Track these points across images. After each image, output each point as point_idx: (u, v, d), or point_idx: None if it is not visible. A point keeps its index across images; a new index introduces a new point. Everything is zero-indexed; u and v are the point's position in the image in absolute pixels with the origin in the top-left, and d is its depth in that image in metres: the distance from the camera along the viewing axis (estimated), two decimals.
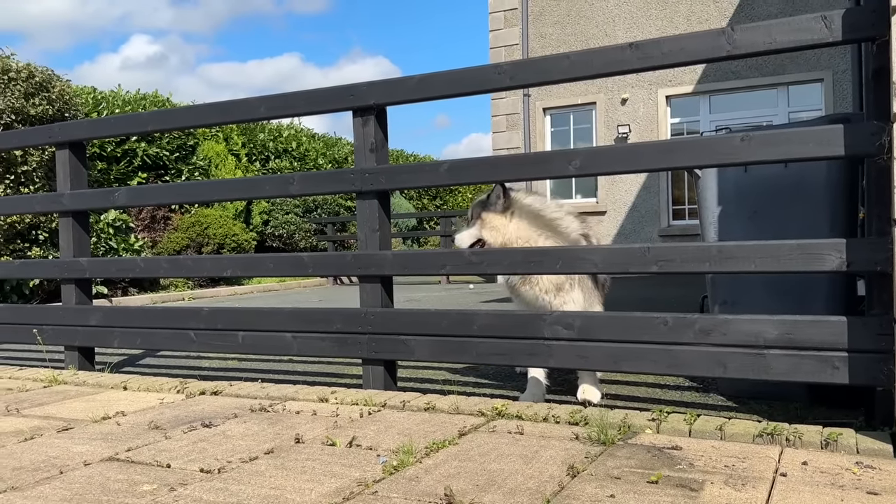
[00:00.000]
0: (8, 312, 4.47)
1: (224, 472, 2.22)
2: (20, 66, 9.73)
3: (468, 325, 3.13)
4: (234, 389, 3.43)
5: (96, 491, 2.09)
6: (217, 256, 4.08)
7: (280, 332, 3.63)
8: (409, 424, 2.71)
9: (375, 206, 3.41)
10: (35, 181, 9.44)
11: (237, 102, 3.84)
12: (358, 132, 3.45)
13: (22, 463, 2.39)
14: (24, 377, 4.00)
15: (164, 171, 13.47)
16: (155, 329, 3.94)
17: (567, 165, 2.93)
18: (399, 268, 3.37)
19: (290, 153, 17.16)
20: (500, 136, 12.89)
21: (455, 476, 2.10)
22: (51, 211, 4.67)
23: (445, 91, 3.26)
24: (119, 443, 2.59)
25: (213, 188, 4.35)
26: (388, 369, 3.41)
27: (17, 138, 5.03)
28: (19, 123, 9.28)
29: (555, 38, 12.56)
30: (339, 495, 1.97)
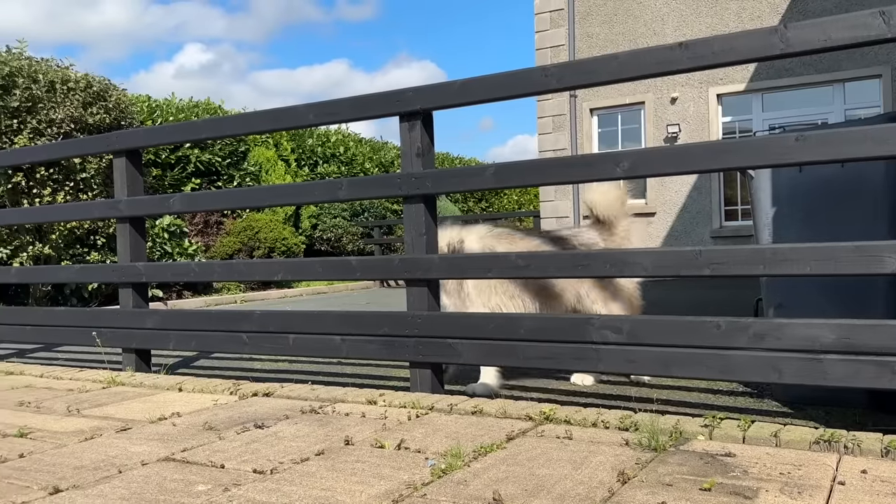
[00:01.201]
0: (68, 315, 4.63)
1: (276, 472, 2.26)
2: (78, 77, 10.07)
3: (515, 328, 3.12)
4: (285, 391, 3.49)
5: (153, 490, 2.15)
6: (268, 260, 4.16)
7: (329, 335, 3.67)
8: (457, 428, 2.71)
9: (422, 209, 3.43)
10: (93, 188, 9.76)
11: (286, 110, 3.91)
12: (404, 137, 3.47)
13: (83, 462, 2.48)
14: (84, 378, 4.14)
15: (216, 176, 13.78)
16: (209, 332, 4.04)
17: (615, 167, 2.90)
18: (445, 271, 3.38)
19: (337, 158, 17.38)
20: (546, 137, 12.82)
21: (503, 480, 2.10)
22: (109, 217, 4.82)
23: (491, 95, 3.26)
24: (175, 443, 2.66)
25: (264, 193, 4.43)
26: (435, 372, 3.42)
27: (76, 147, 5.22)
28: (78, 132, 9.60)
29: (602, 38, 12.44)
30: (389, 497, 1.99)
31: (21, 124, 9.26)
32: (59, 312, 4.74)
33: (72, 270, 4.82)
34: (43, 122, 9.35)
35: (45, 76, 9.59)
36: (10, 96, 9.18)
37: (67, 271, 4.78)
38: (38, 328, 4.79)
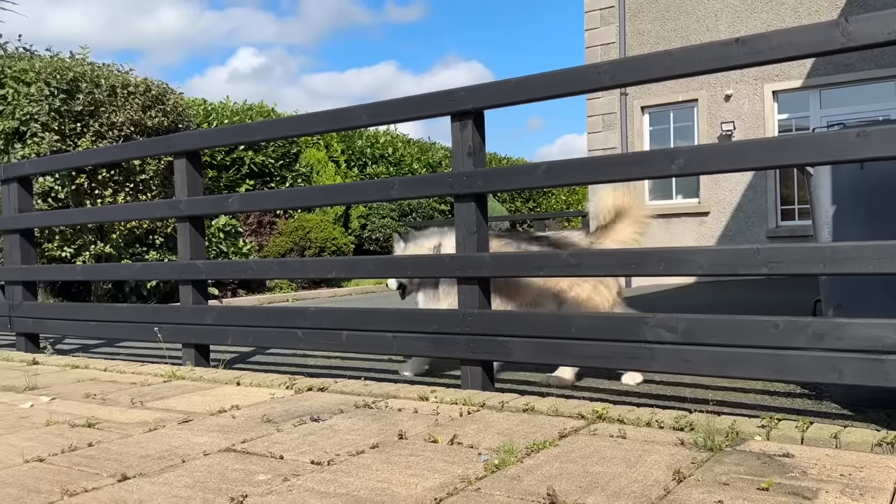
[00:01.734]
0: (131, 312, 4.80)
1: (333, 464, 2.32)
2: (138, 81, 10.41)
3: (566, 326, 3.12)
4: (338, 386, 3.56)
5: (216, 479, 2.22)
6: (321, 259, 4.24)
7: (381, 332, 3.73)
8: (509, 425, 2.73)
9: (473, 208, 3.45)
10: (152, 189, 10.07)
11: (340, 111, 3.98)
12: (456, 136, 3.50)
13: (148, 452, 2.58)
14: (146, 372, 4.29)
15: (269, 178, 14.06)
16: (265, 328, 4.14)
17: (669, 165, 2.88)
18: (496, 269, 3.40)
19: (386, 158, 17.54)
20: (596, 136, 12.70)
21: (557, 477, 2.11)
22: (170, 216, 4.98)
23: (543, 93, 3.27)
24: (235, 435, 2.75)
25: (318, 193, 4.52)
26: (486, 370, 3.45)
27: (138, 149, 5.41)
28: (137, 135, 9.92)
29: (653, 35, 12.28)
30: (444, 490, 2.02)
31: (84, 127, 9.62)
32: (122, 309, 4.92)
33: (134, 268, 4.99)
34: (105, 126, 9.69)
35: (107, 81, 9.93)
36: (73, 100, 9.55)
37: (130, 269, 4.96)
38: (101, 324, 4.97)
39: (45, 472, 2.36)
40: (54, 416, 3.19)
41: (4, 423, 3.09)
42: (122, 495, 2.10)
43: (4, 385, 4.01)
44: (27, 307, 5.41)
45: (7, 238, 5.62)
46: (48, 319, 5.32)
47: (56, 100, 9.40)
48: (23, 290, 5.44)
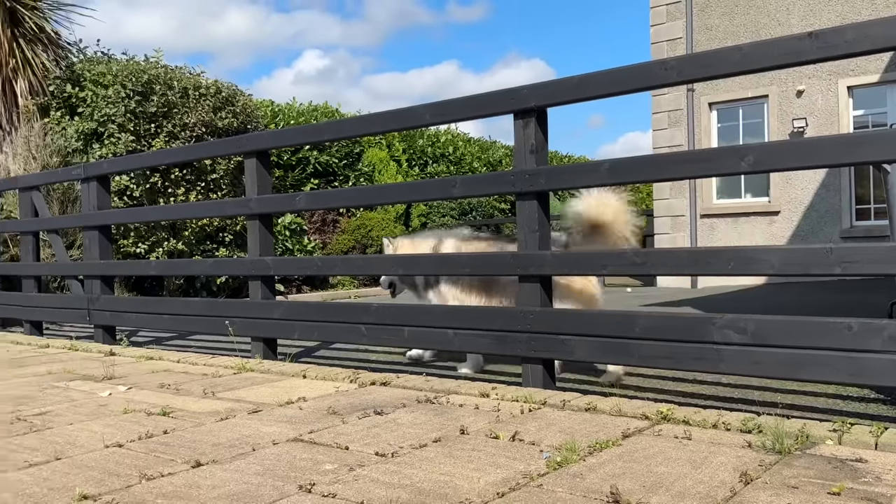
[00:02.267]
0: (204, 306, 4.98)
1: (397, 456, 2.36)
2: (209, 83, 10.76)
3: (630, 326, 3.09)
4: (400, 381, 3.61)
5: (284, 468, 2.29)
6: (384, 256, 4.31)
7: (442, 329, 3.76)
8: (570, 423, 2.72)
9: (535, 206, 3.45)
10: (222, 188, 10.39)
11: (404, 111, 4.04)
12: (518, 134, 3.51)
13: (220, 440, 2.67)
14: (217, 364, 4.44)
15: (332, 177, 14.31)
16: (330, 323, 4.23)
17: (739, 162, 2.82)
18: (558, 267, 3.39)
19: (446, 157, 17.62)
20: (661, 133, 12.47)
21: (620, 476, 2.10)
22: (240, 214, 5.13)
23: (607, 90, 3.24)
24: (302, 425, 2.82)
25: (382, 192, 4.59)
26: (547, 368, 3.44)
27: (211, 149, 5.59)
28: (208, 135, 10.25)
29: (721, 30, 11.97)
30: (506, 485, 2.04)
31: (158, 128, 10.00)
32: (195, 303, 5.10)
33: (206, 264, 5.17)
34: (177, 126, 10.05)
35: (179, 83, 10.30)
36: (148, 102, 9.93)
37: (202, 265, 5.14)
38: (175, 317, 5.17)
39: (123, 457, 2.48)
40: (131, 404, 3.34)
41: (85, 410, 3.26)
42: (195, 480, 2.20)
43: (84, 375, 4.22)
44: (105, 300, 5.67)
45: (86, 234, 5.89)
46: (124, 312, 5.56)
47: (132, 101, 9.79)
48: (101, 285, 5.70)
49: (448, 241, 4.41)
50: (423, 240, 4.61)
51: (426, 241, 4.55)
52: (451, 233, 4.57)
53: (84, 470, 2.34)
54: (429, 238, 4.61)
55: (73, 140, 9.66)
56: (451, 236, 4.47)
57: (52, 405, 3.37)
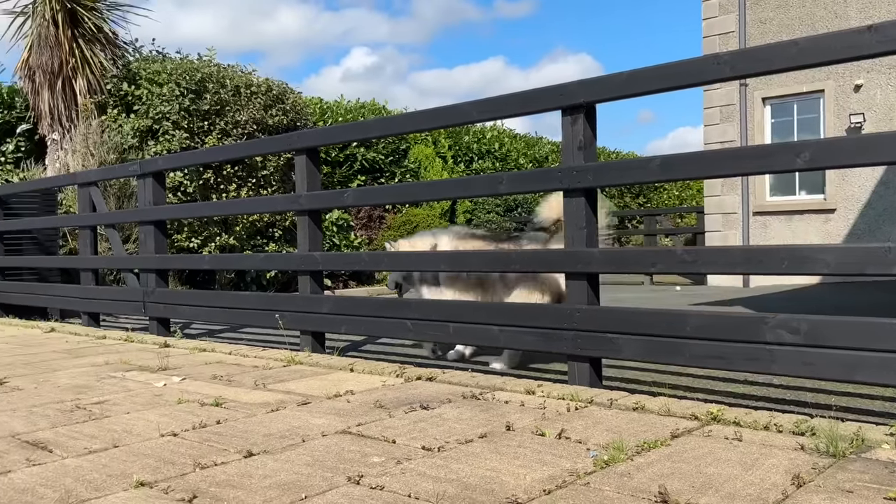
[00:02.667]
0: (255, 300, 5.09)
1: (443, 450, 2.38)
2: (260, 81, 10.95)
3: (680, 325, 3.05)
4: (446, 377, 3.63)
5: (333, 459, 2.34)
6: (430, 252, 4.34)
7: (487, 325, 3.77)
8: (618, 422, 2.70)
9: (582, 203, 3.43)
10: (272, 184, 10.58)
11: (450, 108, 4.05)
12: (566, 130, 3.49)
13: (270, 430, 2.74)
14: (267, 356, 4.53)
15: (379, 173, 14.44)
16: (377, 318, 4.28)
17: (794, 158, 2.75)
18: (606, 265, 3.37)
19: (492, 154, 17.60)
20: (713, 129, 12.22)
21: (668, 476, 2.08)
22: (290, 210, 5.22)
23: (658, 85, 3.20)
24: (350, 418, 2.87)
25: (428, 188, 4.62)
26: (594, 366, 3.42)
27: (263, 146, 5.69)
28: (259, 132, 10.45)
29: (776, 23, 11.67)
30: (552, 482, 2.04)
31: (211, 125, 10.23)
32: (247, 297, 5.21)
33: (257, 259, 5.28)
34: (229, 124, 10.27)
35: (232, 81, 10.51)
36: (201, 100, 10.17)
37: (253, 259, 5.25)
38: (226, 310, 5.29)
39: (178, 446, 2.55)
40: (185, 395, 3.43)
41: (141, 400, 3.36)
42: (248, 470, 2.25)
43: (140, 365, 4.35)
44: (160, 293, 5.84)
45: (142, 229, 6.07)
46: (178, 305, 5.71)
47: (185, 99, 10.04)
48: (156, 278, 5.87)
49: (444, 239, 4.72)
50: (420, 238, 4.90)
51: (423, 240, 4.84)
52: (445, 231, 4.85)
53: (140, 458, 2.42)
54: (425, 237, 4.89)
55: (129, 137, 9.95)
56: (446, 234, 4.79)
57: (109, 394, 3.49)
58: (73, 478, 2.21)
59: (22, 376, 4.06)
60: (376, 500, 1.94)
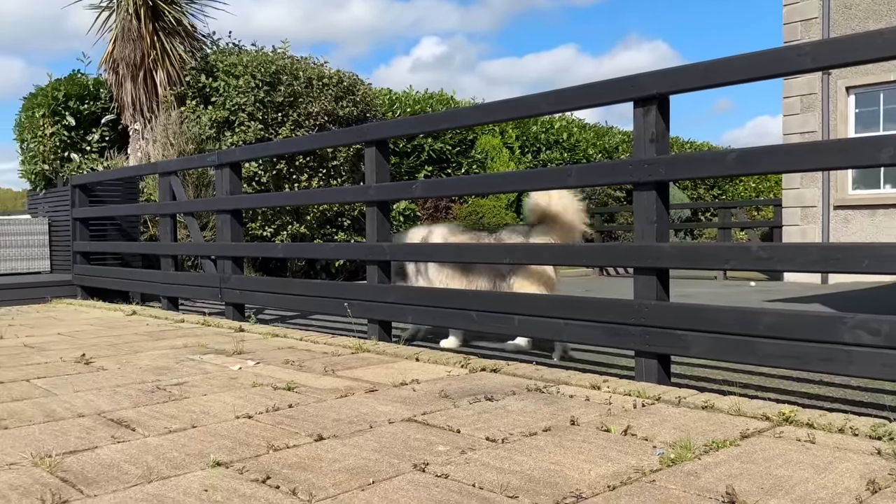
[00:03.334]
0: (325, 288, 5.21)
1: (507, 442, 2.41)
2: (331, 73, 11.14)
3: (752, 323, 2.98)
4: (510, 369, 3.65)
5: (400, 446, 2.39)
6: (497, 244, 4.35)
7: (552, 318, 3.76)
8: (685, 420, 2.67)
9: (653, 197, 3.38)
10: (342, 174, 10.77)
11: (519, 100, 4.04)
12: (638, 122, 3.44)
13: (340, 416, 2.81)
14: (336, 343, 4.64)
15: (446, 164, 14.49)
16: (442, 308, 4.32)
17: (877, 153, 2.64)
18: (677, 260, 3.31)
19: (560, 144, 17.41)
20: (793, 119, 11.77)
21: (737, 477, 2.05)
22: (360, 201, 5.33)
23: (736, 77, 3.11)
24: (416, 407, 2.92)
25: (496, 181, 4.62)
26: (662, 363, 3.37)
27: (335, 138, 5.81)
28: (330, 124, 10.64)
29: (862, 9, 11.12)
30: (617, 479, 2.04)
31: (284, 117, 10.47)
32: (317, 285, 5.35)
33: (328, 248, 5.41)
34: (302, 115, 10.49)
35: (304, 73, 10.73)
36: (275, 92, 10.42)
37: (324, 249, 5.38)
38: (297, 297, 5.44)
39: (252, 428, 2.66)
40: (259, 378, 3.56)
41: (218, 382, 3.51)
42: (318, 453, 2.33)
43: (217, 349, 4.53)
44: (235, 280, 6.04)
45: (219, 217, 6.29)
46: (253, 291, 5.91)
47: (260, 91, 10.31)
48: (231, 265, 6.08)
49: (437, 231, 5.08)
50: (416, 231, 5.28)
51: (418, 232, 5.19)
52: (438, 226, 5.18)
53: (217, 438, 2.53)
54: (421, 230, 5.25)
55: (207, 128, 10.29)
56: (439, 229, 5.12)
57: (188, 376, 3.65)
58: (154, 455, 2.33)
59: (106, 357, 4.28)
60: (441, 489, 1.98)
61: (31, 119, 11.04)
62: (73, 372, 3.80)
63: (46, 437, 2.56)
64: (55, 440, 2.52)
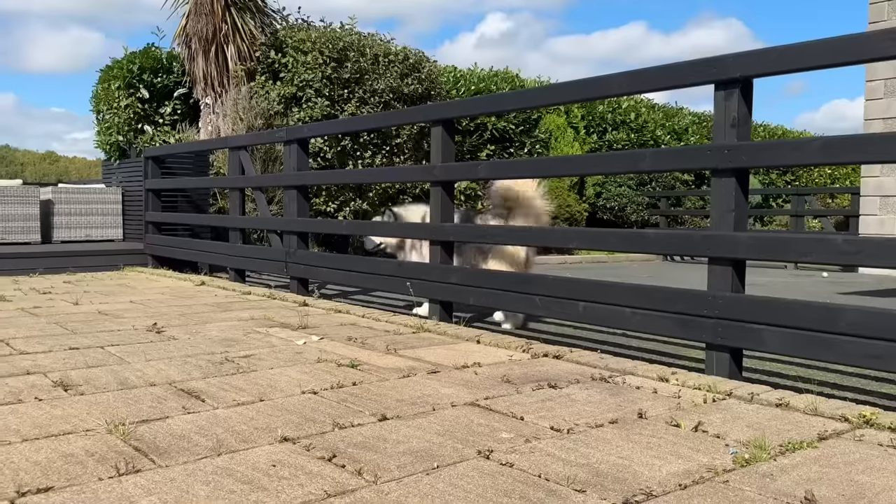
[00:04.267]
0: (389, 267, 5.23)
1: (572, 433, 2.36)
2: (397, 50, 11.11)
3: (833, 320, 2.84)
4: (574, 356, 3.59)
5: (463, 431, 2.37)
6: (564, 229, 4.28)
7: (620, 307, 3.68)
8: (759, 418, 2.57)
9: (732, 184, 3.25)
10: (405, 152, 10.78)
11: (591, 81, 3.93)
12: (719, 106, 3.30)
13: (402, 396, 2.82)
14: (398, 322, 4.66)
15: (508, 143, 14.34)
16: (504, 291, 4.28)
17: None
18: (755, 252, 3.18)
19: (627, 125, 17.01)
20: (876, 104, 11.18)
21: (815, 481, 1.96)
22: (425, 180, 5.30)
23: (822, 61, 2.95)
24: (478, 391, 2.90)
25: (564, 163, 4.53)
26: (734, 357, 3.26)
27: (401, 116, 5.80)
28: (395, 101, 10.64)
29: None
30: (688, 477, 1.98)
31: (350, 94, 10.52)
32: (381, 263, 5.37)
33: (393, 227, 5.41)
34: (367, 92, 10.52)
35: (371, 50, 10.73)
36: (342, 69, 10.46)
37: (389, 227, 5.39)
38: (361, 275, 5.48)
39: (317, 404, 2.69)
40: (323, 354, 3.60)
41: (284, 356, 3.56)
42: (382, 433, 2.33)
43: (282, 322, 4.60)
44: (300, 255, 6.13)
45: (286, 193, 6.37)
46: (317, 267, 5.98)
47: (328, 68, 10.37)
48: (297, 240, 6.16)
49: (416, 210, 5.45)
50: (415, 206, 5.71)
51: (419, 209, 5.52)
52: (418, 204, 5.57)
53: (284, 413, 2.56)
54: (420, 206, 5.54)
55: (275, 103, 10.42)
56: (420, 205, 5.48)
57: (255, 349, 3.72)
58: (224, 428, 2.38)
59: (176, 326, 4.40)
60: (507, 478, 1.96)
61: (107, 91, 11.39)
62: (145, 340, 3.93)
63: (120, 404, 2.65)
64: (128, 408, 2.60)
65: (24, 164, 64.38)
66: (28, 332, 4.12)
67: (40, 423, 2.41)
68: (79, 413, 2.53)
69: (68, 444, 2.19)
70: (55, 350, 3.62)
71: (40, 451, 2.13)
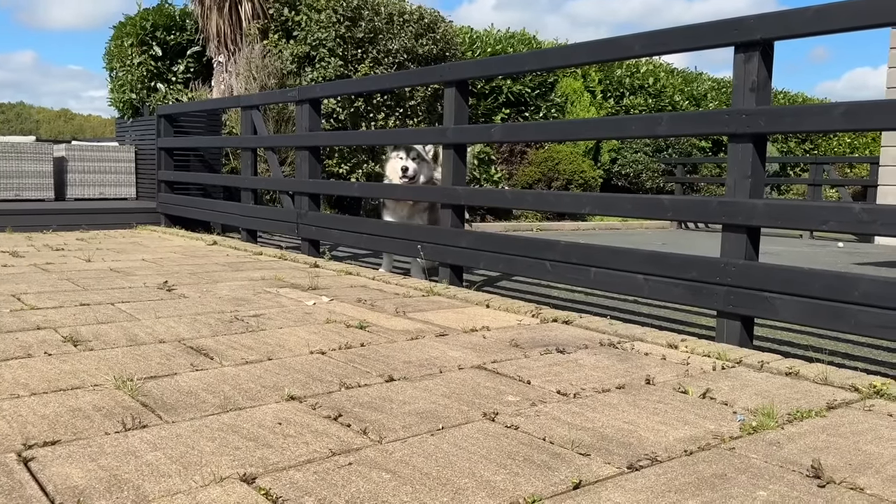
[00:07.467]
0: (399, 229, 5.21)
1: (579, 397, 2.36)
2: (413, 9, 10.93)
3: (847, 290, 2.80)
4: (583, 322, 3.58)
5: (469, 393, 2.37)
6: (577, 194, 4.22)
7: (632, 273, 3.65)
8: (768, 387, 2.55)
9: (750, 150, 3.18)
10: (418, 114, 10.67)
11: (610, 41, 3.85)
12: (738, 69, 3.22)
13: (410, 358, 2.82)
14: (407, 285, 4.66)
15: (524, 107, 14.17)
16: (515, 256, 4.25)
17: None
18: (771, 219, 3.13)
19: (645, 89, 16.75)
20: None
21: (822, 450, 1.94)
22: (437, 142, 5.24)
23: (851, 23, 2.86)
24: (486, 354, 2.90)
25: (580, 127, 4.46)
26: (745, 325, 3.23)
27: (413, 77, 5.71)
28: (409, 62, 10.50)
29: None
30: (694, 444, 1.97)
31: (364, 54, 10.39)
32: (391, 225, 5.35)
33: (402, 189, 5.37)
34: (381, 52, 10.38)
35: (385, 9, 10.56)
36: (356, 28, 10.32)
37: (398, 189, 5.35)
38: (372, 237, 5.47)
39: (325, 364, 2.69)
40: (332, 315, 3.60)
41: (293, 316, 3.57)
42: (388, 394, 2.34)
43: (292, 283, 4.61)
44: (312, 216, 6.12)
45: (298, 153, 6.34)
46: (328, 229, 5.97)
47: (341, 27, 10.23)
48: (308, 201, 6.14)
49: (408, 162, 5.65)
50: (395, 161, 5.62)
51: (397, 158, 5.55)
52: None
53: (291, 372, 2.57)
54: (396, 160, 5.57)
55: (288, 63, 10.32)
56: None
57: (264, 309, 3.73)
58: (231, 385, 2.39)
59: (187, 285, 4.42)
60: (511, 440, 1.95)
61: (121, 48, 11.32)
62: (156, 298, 3.94)
63: (129, 360, 2.66)
64: (137, 364, 2.61)
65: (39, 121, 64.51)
66: (40, 288, 4.15)
67: (49, 377, 2.43)
68: (87, 368, 2.55)
69: (76, 399, 2.20)
70: (66, 306, 3.65)
71: (48, 405, 2.15)
